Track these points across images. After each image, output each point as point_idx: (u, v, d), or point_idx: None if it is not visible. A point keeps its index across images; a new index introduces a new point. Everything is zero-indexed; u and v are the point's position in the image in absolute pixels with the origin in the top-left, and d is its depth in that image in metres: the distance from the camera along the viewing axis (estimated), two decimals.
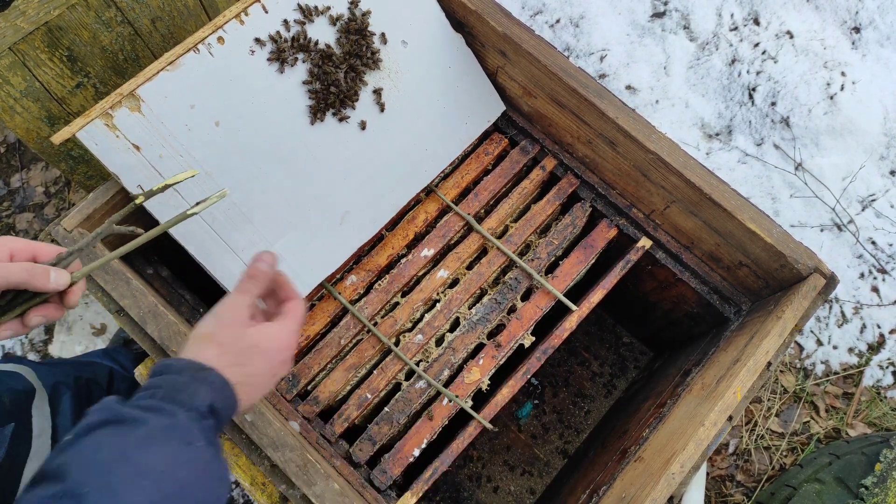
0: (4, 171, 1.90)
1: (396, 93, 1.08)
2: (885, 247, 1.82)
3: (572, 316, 1.11)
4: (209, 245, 0.95)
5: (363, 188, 1.07)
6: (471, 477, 1.54)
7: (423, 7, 1.09)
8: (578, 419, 1.60)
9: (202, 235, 0.95)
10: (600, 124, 1.06)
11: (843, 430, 1.65)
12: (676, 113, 1.92)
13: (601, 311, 1.67)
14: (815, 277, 0.97)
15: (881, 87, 1.92)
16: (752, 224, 0.99)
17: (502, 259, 1.13)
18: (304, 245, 1.02)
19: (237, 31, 0.95)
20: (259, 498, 0.94)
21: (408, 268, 1.11)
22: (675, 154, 1.02)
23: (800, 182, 1.85)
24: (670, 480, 0.87)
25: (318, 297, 1.10)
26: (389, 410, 1.05)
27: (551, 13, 2.01)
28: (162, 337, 0.90)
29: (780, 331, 0.94)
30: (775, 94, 1.91)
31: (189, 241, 0.93)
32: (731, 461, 1.64)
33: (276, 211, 1.00)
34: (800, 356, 1.75)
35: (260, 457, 0.89)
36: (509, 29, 1.06)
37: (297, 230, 1.02)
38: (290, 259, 1.01)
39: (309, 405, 1.03)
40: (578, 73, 1.05)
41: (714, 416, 0.90)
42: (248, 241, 0.98)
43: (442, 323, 1.10)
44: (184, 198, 0.92)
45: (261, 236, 0.99)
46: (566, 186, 1.17)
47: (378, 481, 1.01)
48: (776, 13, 1.99)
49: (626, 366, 1.64)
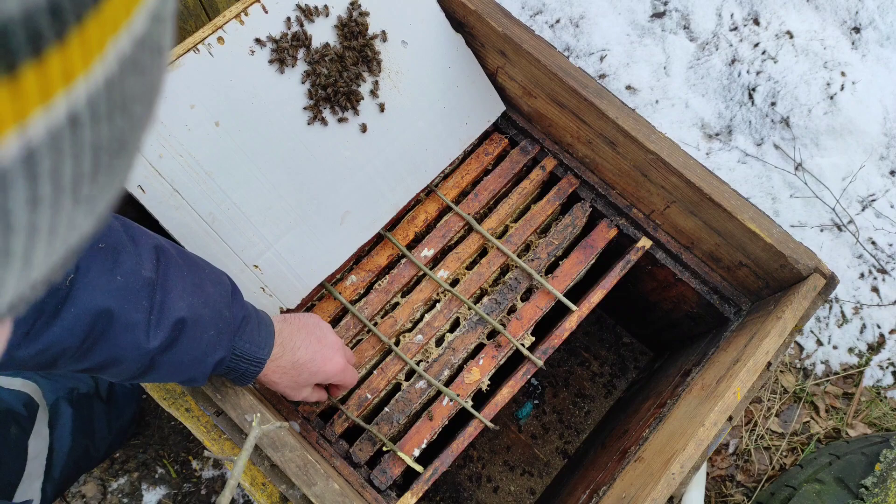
0: None
1: (396, 93, 1.08)
2: (885, 247, 1.82)
3: (572, 316, 1.11)
4: (209, 244, 0.95)
5: (363, 188, 1.07)
6: (471, 477, 1.54)
7: (424, 7, 1.09)
8: (578, 419, 1.60)
9: (202, 235, 0.95)
10: (600, 124, 1.06)
11: (843, 430, 1.65)
12: (676, 113, 1.92)
13: (601, 311, 1.67)
14: (815, 277, 0.97)
15: (881, 87, 1.92)
16: (752, 224, 0.99)
17: (502, 259, 1.13)
18: (305, 245, 1.02)
19: (237, 31, 0.95)
20: (259, 498, 0.94)
21: (408, 268, 1.11)
22: (675, 154, 1.02)
23: (800, 182, 1.85)
24: (670, 480, 0.87)
25: (318, 298, 1.10)
26: (389, 410, 1.05)
27: (551, 13, 2.01)
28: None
29: (780, 331, 0.94)
30: (775, 94, 1.90)
31: (188, 239, 0.93)
32: (731, 461, 1.64)
33: (276, 211, 1.00)
34: (800, 356, 1.74)
35: (260, 457, 0.89)
36: (509, 29, 1.06)
37: (297, 230, 1.02)
38: (291, 259, 1.01)
39: (309, 405, 1.03)
40: (578, 73, 1.05)
41: (714, 416, 0.90)
42: (247, 241, 0.98)
43: (442, 323, 1.10)
44: (184, 198, 0.92)
45: (261, 236, 0.99)
46: (566, 186, 1.17)
47: (378, 481, 1.01)
48: (776, 13, 1.99)
49: (626, 366, 1.64)
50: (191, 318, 0.67)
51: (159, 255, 0.67)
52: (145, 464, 1.60)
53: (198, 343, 0.69)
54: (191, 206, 0.93)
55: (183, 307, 0.66)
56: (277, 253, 1.00)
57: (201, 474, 1.60)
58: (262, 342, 0.77)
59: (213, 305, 0.70)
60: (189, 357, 0.69)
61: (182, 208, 0.92)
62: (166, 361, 0.68)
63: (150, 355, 0.65)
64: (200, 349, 0.70)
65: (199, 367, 0.71)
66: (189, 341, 0.68)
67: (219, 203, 0.95)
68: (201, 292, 0.69)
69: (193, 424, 0.95)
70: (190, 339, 0.68)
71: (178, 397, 0.96)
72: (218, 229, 0.96)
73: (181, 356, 0.68)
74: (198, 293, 0.69)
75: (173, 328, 0.66)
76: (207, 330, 0.69)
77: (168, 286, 0.66)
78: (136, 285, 0.63)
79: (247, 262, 0.98)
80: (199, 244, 0.94)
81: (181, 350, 0.68)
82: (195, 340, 0.68)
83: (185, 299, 0.67)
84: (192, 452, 1.62)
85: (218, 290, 0.73)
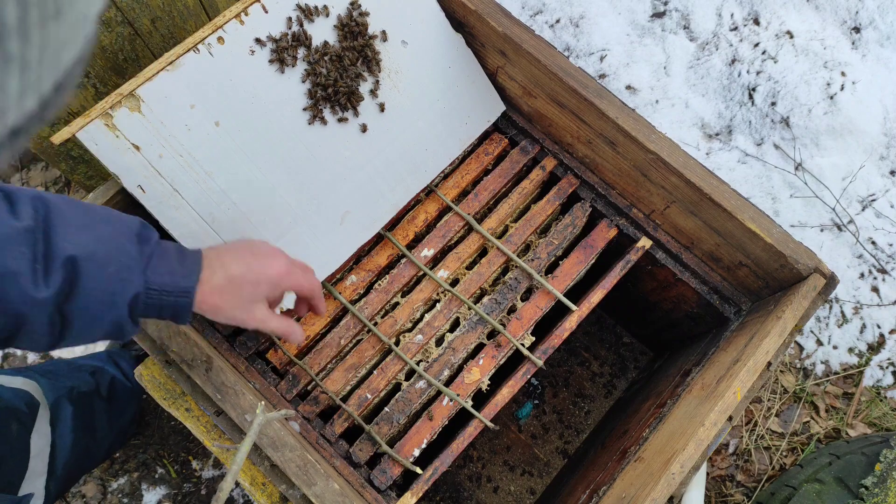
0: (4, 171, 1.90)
1: (396, 93, 1.08)
2: (885, 247, 1.82)
3: (572, 316, 1.11)
4: (209, 244, 0.95)
5: (363, 188, 1.07)
6: (471, 477, 1.54)
7: (424, 7, 1.09)
8: (578, 419, 1.60)
9: (202, 235, 0.95)
10: (600, 124, 1.06)
11: (843, 430, 1.65)
12: (676, 113, 1.92)
13: (601, 311, 1.67)
14: (815, 277, 0.97)
15: (881, 87, 1.92)
16: (752, 224, 0.99)
17: (502, 259, 1.13)
18: (305, 245, 1.02)
19: (237, 31, 0.95)
20: (259, 498, 0.94)
21: (408, 268, 1.11)
22: (675, 154, 1.02)
23: (800, 182, 1.85)
24: (670, 480, 0.87)
25: None
26: (389, 411, 1.05)
27: (551, 13, 2.01)
28: (162, 337, 0.90)
29: (780, 331, 0.94)
30: (775, 94, 1.91)
31: (188, 239, 0.94)
32: (731, 461, 1.64)
33: (275, 211, 1.00)
34: (800, 356, 1.75)
35: (260, 457, 0.89)
36: (509, 29, 1.06)
37: (297, 230, 1.02)
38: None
39: (309, 405, 1.03)
40: (578, 73, 1.05)
41: (714, 416, 0.90)
42: None
43: (442, 323, 1.10)
44: (184, 198, 0.92)
45: (260, 236, 0.99)
46: (566, 186, 1.17)
47: (378, 481, 1.01)
48: (776, 13, 1.99)
49: (626, 366, 1.64)
50: (82, 255, 0.65)
51: (37, 204, 0.65)
52: (145, 464, 1.60)
53: (99, 281, 0.66)
54: (191, 206, 0.93)
55: (70, 247, 0.64)
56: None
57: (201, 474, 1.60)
58: (186, 271, 0.73)
59: (109, 242, 0.68)
60: (95, 300, 0.66)
61: (182, 208, 0.92)
62: (75, 310, 0.65)
63: (52, 306, 0.63)
64: (105, 288, 0.67)
65: (113, 310, 0.68)
66: (88, 281, 0.65)
67: (219, 203, 0.95)
68: (91, 231, 0.67)
69: (193, 424, 0.95)
70: (89, 278, 0.65)
71: (178, 397, 0.96)
72: (218, 229, 0.96)
73: (87, 300, 0.66)
74: (87, 232, 0.67)
75: (64, 268, 0.64)
76: (106, 266, 0.67)
77: (51, 231, 0.64)
78: (9, 234, 0.61)
79: None
80: (199, 244, 0.94)
81: (84, 293, 0.65)
82: (95, 279, 0.66)
83: (71, 240, 0.65)
84: (192, 452, 1.62)
85: (114, 228, 0.70)
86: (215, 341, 1.03)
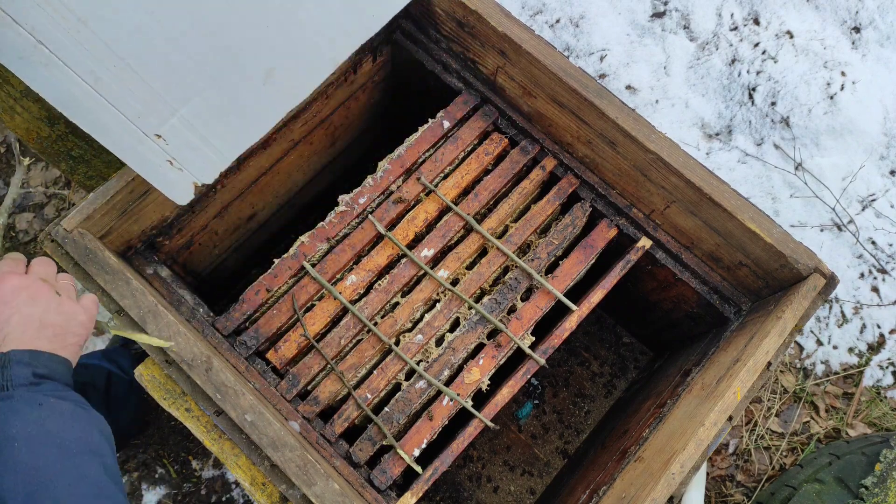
0: (4, 171, 1.90)
1: None
2: (885, 247, 1.82)
3: (572, 316, 1.11)
4: (96, 111, 0.78)
5: (292, 39, 0.86)
6: (471, 477, 1.54)
7: None
8: (578, 419, 1.60)
9: (85, 99, 0.77)
10: (600, 124, 1.06)
11: (843, 430, 1.65)
12: (676, 113, 1.92)
13: (601, 311, 1.67)
14: (815, 277, 0.97)
15: (881, 87, 1.92)
16: (752, 224, 0.99)
17: (502, 259, 1.13)
18: (219, 110, 0.85)
19: None
20: (259, 498, 0.94)
21: (408, 268, 1.11)
22: (675, 154, 1.02)
23: (800, 182, 1.85)
24: (670, 480, 0.87)
25: (319, 297, 1.10)
26: (389, 410, 1.05)
27: (551, 13, 2.01)
28: (161, 337, 0.90)
29: (780, 331, 0.94)
30: (775, 94, 1.91)
31: (69, 105, 0.77)
32: (731, 461, 1.64)
33: (178, 67, 0.79)
34: (800, 356, 1.75)
35: (260, 457, 0.89)
36: (509, 29, 1.06)
37: (208, 92, 0.82)
38: (202, 128, 0.84)
39: (309, 405, 1.03)
40: (578, 73, 1.05)
41: (714, 416, 0.90)
42: (144, 105, 0.79)
43: (442, 323, 1.10)
44: (52, 52, 0.72)
45: (160, 99, 0.80)
46: (566, 186, 1.17)
47: (378, 481, 1.01)
48: (776, 13, 1.99)
49: (626, 366, 1.64)
50: None
51: None
52: (145, 464, 1.60)
53: None
54: (63, 63, 0.73)
55: None
56: (184, 119, 0.82)
57: (201, 474, 1.60)
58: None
59: None
60: None
61: (53, 65, 0.73)
62: None
63: None
64: None
65: None
66: None
67: (100, 59, 0.74)
68: None
69: (193, 424, 0.95)
70: None
71: (178, 397, 0.96)
72: (104, 91, 0.76)
73: None
74: None
75: None
76: None
77: None
78: None
79: (146, 132, 0.80)
80: (87, 112, 0.77)
81: None
82: None
83: None
84: (192, 452, 1.62)
85: None
86: (215, 341, 1.03)
